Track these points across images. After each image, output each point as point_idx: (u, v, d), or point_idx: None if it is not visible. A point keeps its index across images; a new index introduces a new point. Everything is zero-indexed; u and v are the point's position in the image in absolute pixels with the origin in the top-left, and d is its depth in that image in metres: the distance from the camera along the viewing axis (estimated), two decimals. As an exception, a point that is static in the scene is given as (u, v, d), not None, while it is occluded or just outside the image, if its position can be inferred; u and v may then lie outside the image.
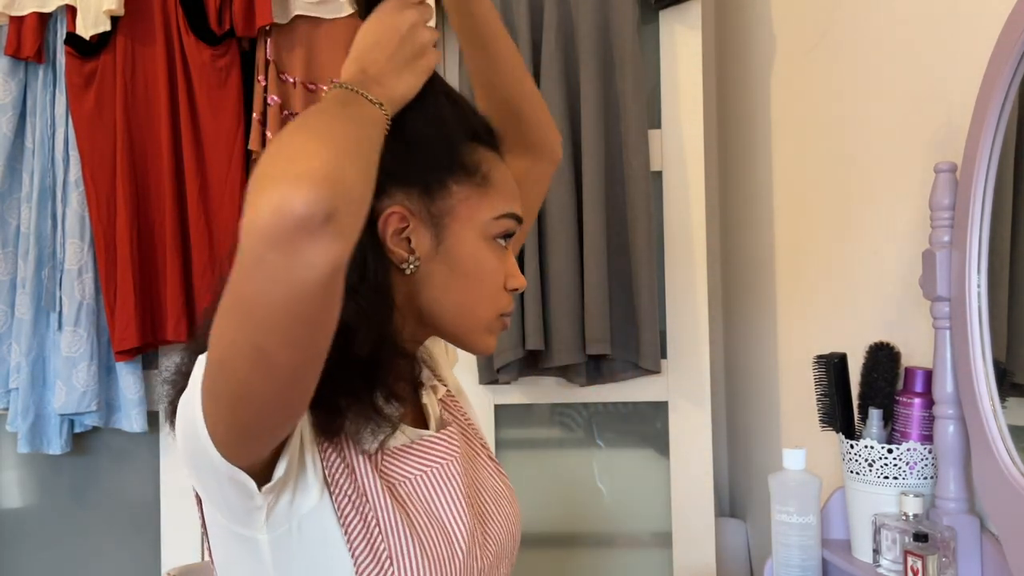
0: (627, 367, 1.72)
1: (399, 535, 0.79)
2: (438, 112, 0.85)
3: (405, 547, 0.79)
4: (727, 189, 2.04)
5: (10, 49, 1.70)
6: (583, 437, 1.87)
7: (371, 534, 0.78)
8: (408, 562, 0.78)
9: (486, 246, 0.86)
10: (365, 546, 0.77)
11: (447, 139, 0.85)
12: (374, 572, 0.77)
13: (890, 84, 1.30)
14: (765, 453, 1.81)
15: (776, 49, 1.74)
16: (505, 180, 0.88)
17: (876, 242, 1.33)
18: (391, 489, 0.81)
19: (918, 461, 1.08)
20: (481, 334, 0.88)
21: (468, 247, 0.85)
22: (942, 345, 1.04)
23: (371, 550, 0.77)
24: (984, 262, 0.99)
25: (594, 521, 1.86)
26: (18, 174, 1.76)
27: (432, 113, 0.85)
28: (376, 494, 0.80)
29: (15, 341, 1.73)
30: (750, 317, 1.89)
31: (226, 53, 1.73)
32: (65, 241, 1.71)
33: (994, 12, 0.97)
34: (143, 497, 1.84)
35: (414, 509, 0.82)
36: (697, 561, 1.75)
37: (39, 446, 1.74)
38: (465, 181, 0.85)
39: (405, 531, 0.79)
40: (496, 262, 0.86)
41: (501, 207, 0.86)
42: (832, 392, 1.16)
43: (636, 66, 1.68)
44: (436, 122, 0.85)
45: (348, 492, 0.79)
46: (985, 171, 0.98)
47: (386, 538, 0.78)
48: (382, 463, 0.82)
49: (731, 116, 2.01)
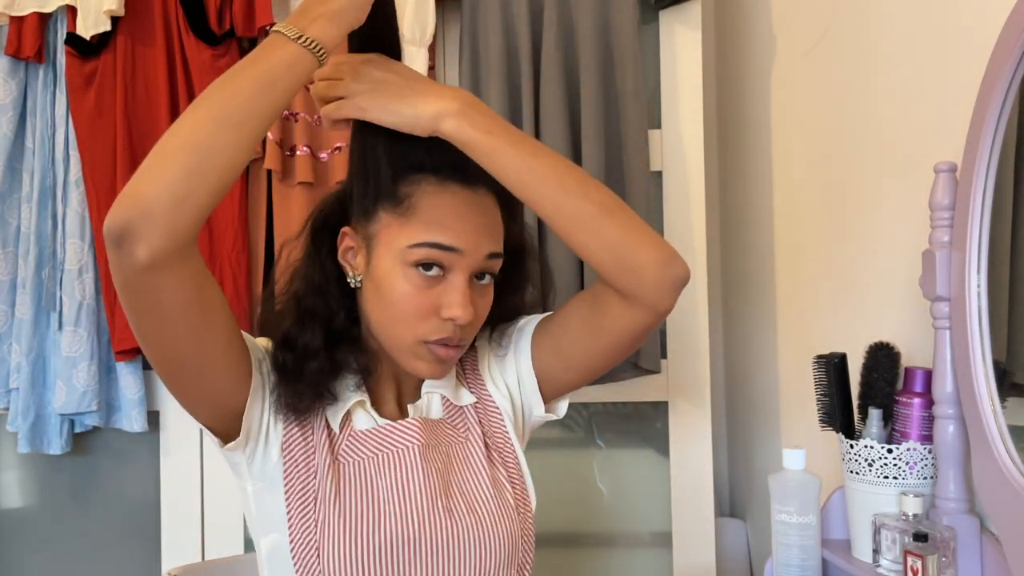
0: (627, 367, 1.72)
1: (331, 508, 0.91)
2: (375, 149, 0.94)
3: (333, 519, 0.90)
4: (727, 189, 2.04)
5: (10, 49, 1.70)
6: (583, 437, 1.87)
7: (305, 500, 0.91)
8: (332, 532, 0.90)
9: (401, 272, 0.91)
10: (298, 508, 0.91)
11: (378, 173, 0.93)
12: (299, 535, 0.91)
13: (890, 84, 1.30)
14: (765, 453, 1.81)
15: (776, 49, 1.74)
16: (434, 210, 0.92)
17: (876, 242, 1.33)
18: (341, 465, 0.94)
19: (918, 461, 1.08)
20: (406, 356, 0.95)
21: (385, 270, 0.92)
22: (942, 345, 1.04)
23: (301, 513, 0.91)
24: (984, 262, 0.99)
25: (594, 521, 1.86)
26: (18, 174, 1.76)
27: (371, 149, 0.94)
28: (321, 469, 0.92)
29: (15, 341, 1.73)
30: (750, 317, 1.89)
31: (226, 53, 1.73)
32: (65, 241, 1.71)
33: (994, 12, 0.97)
34: (143, 497, 1.84)
35: (354, 486, 0.93)
36: (697, 561, 1.75)
37: (39, 446, 1.74)
38: (391, 209, 0.93)
39: (337, 506, 0.91)
40: (409, 288, 0.91)
41: (420, 236, 0.91)
42: (832, 392, 1.16)
43: (636, 66, 1.68)
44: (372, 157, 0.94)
45: (298, 461, 0.93)
46: (985, 171, 0.98)
47: (318, 509, 0.91)
48: (344, 442, 0.95)
49: (731, 116, 2.01)
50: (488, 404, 1.05)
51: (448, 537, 0.93)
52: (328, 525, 0.90)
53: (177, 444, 1.79)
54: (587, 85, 1.67)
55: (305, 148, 1.71)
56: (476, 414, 1.03)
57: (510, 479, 1.01)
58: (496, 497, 0.98)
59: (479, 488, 0.98)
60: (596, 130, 1.66)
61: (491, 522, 0.95)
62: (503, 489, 0.99)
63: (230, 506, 1.77)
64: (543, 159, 0.91)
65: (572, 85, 1.70)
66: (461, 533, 0.94)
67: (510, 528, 0.97)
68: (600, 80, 1.68)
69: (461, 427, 1.01)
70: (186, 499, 1.79)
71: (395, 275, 0.92)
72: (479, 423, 1.03)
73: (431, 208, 0.92)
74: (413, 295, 0.91)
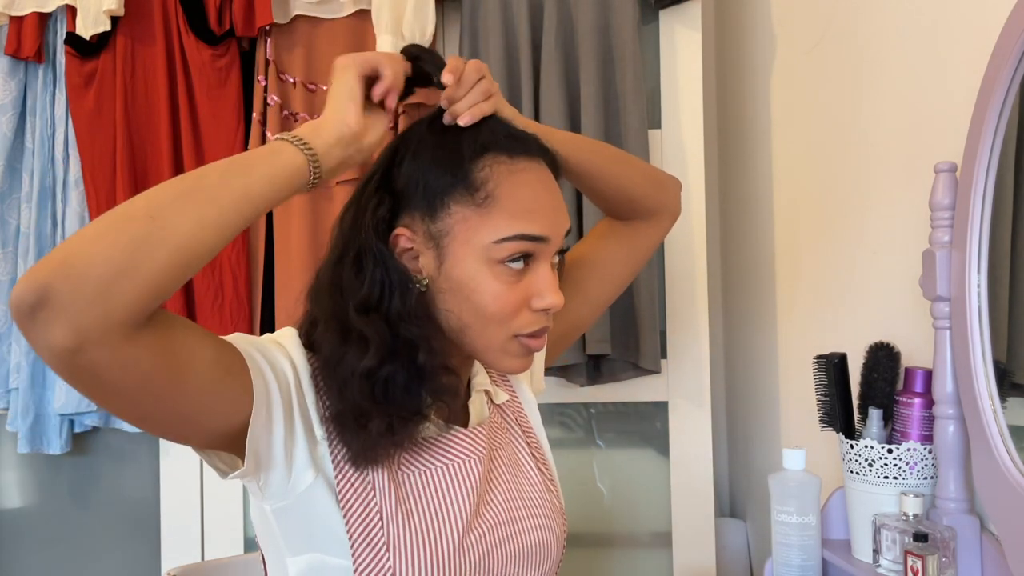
0: (627, 367, 1.72)
1: (400, 527, 0.82)
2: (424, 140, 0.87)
3: (404, 539, 0.82)
4: (727, 189, 2.04)
5: (10, 49, 1.70)
6: (583, 437, 1.87)
7: (370, 521, 0.82)
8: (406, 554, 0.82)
9: (487, 270, 0.83)
10: (361, 531, 0.82)
11: (448, 158, 0.85)
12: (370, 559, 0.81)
13: (890, 84, 1.30)
14: (765, 453, 1.81)
15: (776, 49, 1.74)
16: (515, 196, 0.84)
17: (876, 242, 1.33)
18: (403, 475, 0.85)
19: (918, 461, 1.08)
20: (496, 355, 0.87)
21: (467, 270, 0.84)
22: (942, 345, 1.04)
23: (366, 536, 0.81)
24: (984, 262, 0.99)
25: (594, 521, 1.86)
26: (18, 174, 1.76)
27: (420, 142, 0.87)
28: (380, 483, 0.83)
29: (15, 341, 1.73)
30: (750, 317, 1.89)
31: (226, 53, 1.73)
32: (65, 241, 1.71)
33: (994, 12, 0.97)
34: (143, 497, 1.84)
35: (422, 500, 0.85)
36: (697, 561, 1.75)
37: (39, 446, 1.74)
38: (466, 200, 0.84)
39: (407, 524, 0.83)
40: (500, 286, 0.83)
41: (505, 229, 0.83)
42: (832, 392, 1.16)
43: (636, 66, 1.68)
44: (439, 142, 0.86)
45: (353, 480, 0.82)
46: (985, 171, 0.98)
47: (385, 527, 0.82)
48: (406, 452, 0.86)
49: (731, 116, 2.01)
50: (517, 400, 1.04)
51: (517, 546, 0.91)
52: (400, 546, 0.82)
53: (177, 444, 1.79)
54: (587, 85, 1.67)
55: (305, 148, 1.71)
56: (512, 412, 1.02)
57: (552, 480, 1.01)
58: (548, 499, 0.97)
59: (534, 492, 0.96)
60: (596, 130, 1.66)
61: (548, 527, 0.95)
62: (551, 491, 0.99)
63: (230, 506, 1.77)
64: (586, 141, 1.08)
65: (572, 85, 1.70)
66: (527, 540, 0.92)
67: (560, 531, 0.98)
68: (600, 80, 1.68)
69: (505, 428, 0.99)
70: (186, 499, 1.79)
71: (482, 275, 0.83)
72: (516, 422, 1.01)
73: (511, 194, 0.84)
74: (505, 293, 0.83)
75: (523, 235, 0.83)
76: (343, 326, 0.83)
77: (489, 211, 0.83)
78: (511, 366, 0.88)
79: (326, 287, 0.86)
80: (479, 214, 0.83)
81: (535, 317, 0.86)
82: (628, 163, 1.09)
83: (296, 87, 1.73)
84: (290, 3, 1.73)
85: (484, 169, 0.84)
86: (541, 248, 0.85)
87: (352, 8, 1.72)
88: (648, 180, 1.10)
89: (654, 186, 1.11)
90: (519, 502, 0.94)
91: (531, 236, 0.84)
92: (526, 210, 0.84)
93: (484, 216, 0.83)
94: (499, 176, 0.84)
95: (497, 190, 0.84)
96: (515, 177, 0.85)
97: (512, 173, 0.85)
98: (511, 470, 0.95)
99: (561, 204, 0.89)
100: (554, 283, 0.85)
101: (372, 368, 0.81)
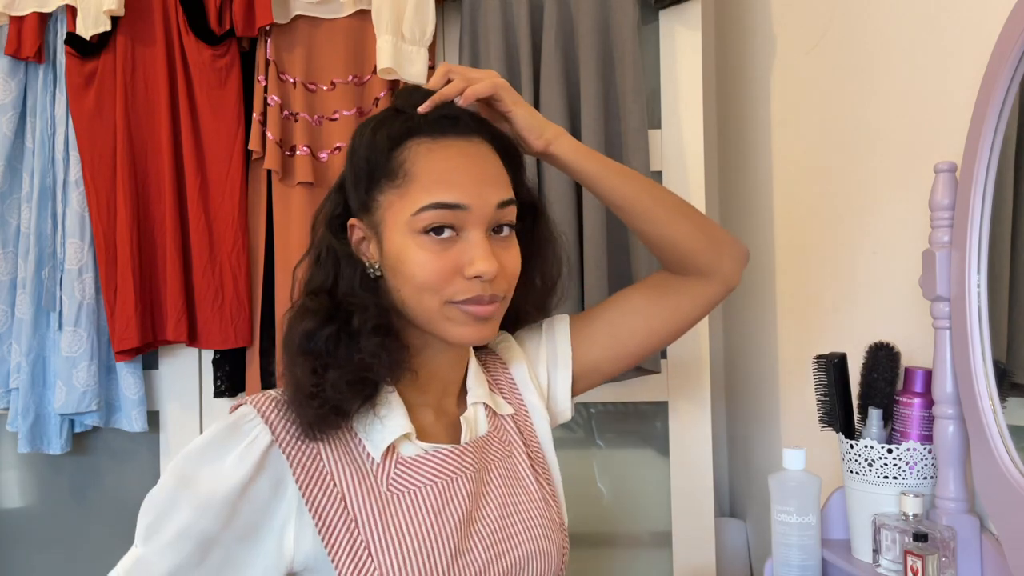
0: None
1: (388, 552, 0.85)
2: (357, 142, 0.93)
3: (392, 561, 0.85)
4: (727, 189, 2.04)
5: (10, 49, 1.70)
6: (583, 437, 1.87)
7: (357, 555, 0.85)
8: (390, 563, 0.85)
9: (412, 242, 0.87)
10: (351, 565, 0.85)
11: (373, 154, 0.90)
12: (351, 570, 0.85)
13: (890, 84, 1.30)
14: (765, 453, 1.81)
15: (776, 49, 1.74)
16: (430, 170, 0.88)
17: (876, 242, 1.33)
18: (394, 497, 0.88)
19: (918, 461, 1.08)
20: (441, 324, 0.89)
21: (396, 245, 0.89)
22: (942, 345, 1.04)
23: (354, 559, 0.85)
24: (984, 262, 0.99)
25: (594, 521, 1.86)
26: (18, 174, 1.76)
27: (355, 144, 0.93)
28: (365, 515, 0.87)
29: (15, 341, 1.73)
30: (750, 317, 1.89)
31: (226, 53, 1.73)
32: (65, 241, 1.71)
33: (994, 12, 0.97)
34: (143, 497, 1.84)
35: (411, 522, 0.87)
36: (697, 561, 1.75)
37: (39, 446, 1.74)
38: (388, 188, 0.89)
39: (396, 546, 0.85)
40: (426, 255, 0.87)
41: (421, 200, 0.87)
42: (832, 392, 1.16)
43: (636, 66, 1.68)
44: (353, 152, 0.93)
45: (333, 523, 0.86)
46: (985, 171, 0.98)
47: (375, 558, 0.85)
48: (393, 472, 0.89)
49: (731, 116, 2.01)
50: (525, 414, 1.03)
51: (511, 563, 0.91)
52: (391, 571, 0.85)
53: (177, 444, 1.79)
54: (587, 85, 1.67)
55: (305, 148, 1.71)
56: (516, 424, 1.01)
57: (553, 495, 1.00)
58: (547, 515, 0.97)
59: (532, 507, 0.96)
60: (596, 130, 1.66)
61: (545, 543, 0.95)
62: (551, 506, 0.99)
63: (230, 506, 1.77)
64: (629, 173, 1.04)
65: (572, 85, 1.70)
66: (521, 555, 0.92)
67: (559, 546, 0.98)
68: (600, 80, 1.68)
69: (506, 440, 0.99)
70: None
71: (408, 248, 0.87)
72: (520, 434, 1.01)
73: (427, 169, 0.88)
74: (430, 260, 0.86)
75: (437, 203, 0.86)
76: (298, 309, 0.90)
77: (408, 188, 0.88)
78: (460, 334, 0.90)
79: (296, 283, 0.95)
80: (399, 194, 0.88)
81: (468, 285, 0.88)
82: (680, 211, 1.05)
83: (296, 87, 1.73)
84: (290, 3, 1.73)
85: (403, 153, 0.89)
86: (463, 216, 0.87)
87: (352, 8, 1.72)
88: (701, 234, 1.05)
89: (707, 243, 1.05)
90: (514, 517, 0.94)
91: (446, 204, 0.87)
92: (440, 181, 0.87)
93: (403, 194, 0.88)
94: (416, 156, 0.89)
95: (414, 168, 0.88)
96: (433, 154, 0.89)
97: (431, 151, 0.89)
98: (508, 484, 0.96)
99: (489, 176, 0.90)
100: (485, 251, 0.87)
101: (311, 330, 0.87)
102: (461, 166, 0.89)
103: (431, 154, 0.89)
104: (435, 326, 0.90)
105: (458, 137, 0.90)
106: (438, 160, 0.88)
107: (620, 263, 1.69)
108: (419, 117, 0.91)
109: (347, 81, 1.73)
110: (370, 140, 0.91)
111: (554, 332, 1.08)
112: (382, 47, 1.63)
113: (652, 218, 1.04)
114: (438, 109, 0.91)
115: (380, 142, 0.90)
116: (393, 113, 0.93)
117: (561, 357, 1.06)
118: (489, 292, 0.88)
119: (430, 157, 0.88)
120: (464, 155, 0.90)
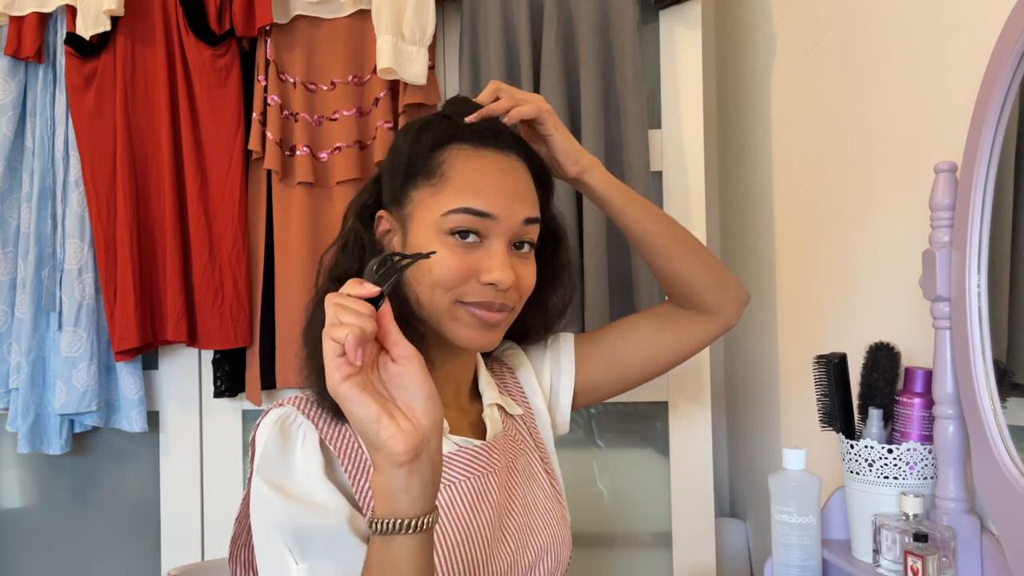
0: (627, 367, 1.72)
1: None
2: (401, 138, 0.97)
3: None
4: (727, 189, 2.04)
5: (10, 49, 1.70)
6: (583, 437, 1.87)
7: None
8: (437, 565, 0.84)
9: (437, 240, 0.90)
10: None
11: (415, 152, 0.94)
12: None
13: (890, 84, 1.30)
14: (765, 453, 1.81)
15: (776, 49, 1.74)
16: (466, 175, 0.91)
17: (876, 242, 1.33)
18: None
19: (918, 461, 1.08)
20: (446, 321, 0.91)
21: (420, 241, 0.92)
22: (942, 345, 1.04)
23: None
24: (984, 262, 0.99)
25: (594, 521, 1.86)
26: (18, 174, 1.76)
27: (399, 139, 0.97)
28: None
29: (15, 341, 1.73)
30: (750, 317, 1.89)
31: (226, 53, 1.73)
32: (65, 241, 1.71)
33: (994, 12, 0.97)
34: (143, 497, 1.84)
35: (446, 514, 0.88)
36: (697, 561, 1.75)
37: (39, 446, 1.74)
38: (423, 185, 0.92)
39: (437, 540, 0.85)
40: (447, 253, 0.89)
41: (452, 202, 0.90)
42: (832, 392, 1.16)
43: (636, 66, 1.68)
44: (396, 147, 0.96)
45: None
46: (985, 171, 0.98)
47: None
48: None
49: (731, 116, 2.01)
50: (532, 413, 1.07)
51: (535, 555, 0.94)
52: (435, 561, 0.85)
53: (177, 444, 1.79)
54: (587, 85, 1.67)
55: (305, 148, 1.71)
56: (527, 424, 1.05)
57: (560, 493, 1.04)
58: (558, 511, 1.01)
59: (546, 503, 1.00)
60: (596, 130, 1.66)
61: (560, 536, 0.99)
62: (560, 502, 1.02)
63: (230, 506, 1.76)
64: (654, 210, 1.10)
65: (572, 85, 1.70)
66: (542, 549, 0.95)
67: (568, 542, 1.01)
68: (600, 80, 1.68)
69: (518, 439, 1.02)
70: (186, 499, 1.79)
71: (431, 244, 0.90)
72: (530, 434, 1.04)
73: (463, 174, 0.91)
74: (450, 259, 0.89)
75: (468, 208, 0.90)
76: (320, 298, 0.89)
77: (441, 188, 0.91)
78: (464, 336, 0.91)
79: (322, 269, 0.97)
80: (432, 193, 0.91)
81: (482, 289, 0.90)
82: (695, 251, 1.11)
83: (296, 87, 1.73)
84: (290, 3, 1.73)
85: (444, 155, 0.93)
86: (489, 225, 0.90)
87: (352, 8, 1.72)
88: (711, 275, 1.12)
89: (715, 283, 1.13)
90: (535, 512, 0.97)
91: (475, 211, 0.90)
92: (474, 188, 0.91)
93: (436, 194, 0.91)
94: (455, 160, 0.92)
95: (451, 171, 0.92)
96: (471, 161, 0.92)
97: (470, 158, 0.93)
98: (527, 480, 0.99)
99: (520, 191, 0.93)
100: (504, 261, 0.90)
101: None
102: (496, 177, 0.92)
103: (469, 161, 0.92)
104: (442, 324, 0.92)
105: (497, 150, 0.94)
106: (475, 168, 0.92)
107: (620, 263, 1.69)
108: (464, 125, 0.94)
109: (347, 81, 1.73)
110: (414, 138, 0.94)
111: (559, 347, 1.12)
112: (382, 47, 1.63)
113: (669, 254, 1.09)
114: (483, 122, 0.95)
115: (424, 141, 0.93)
116: (440, 118, 0.97)
117: (565, 371, 1.10)
118: (500, 301, 0.91)
119: (468, 163, 0.92)
120: (499, 168, 0.93)
